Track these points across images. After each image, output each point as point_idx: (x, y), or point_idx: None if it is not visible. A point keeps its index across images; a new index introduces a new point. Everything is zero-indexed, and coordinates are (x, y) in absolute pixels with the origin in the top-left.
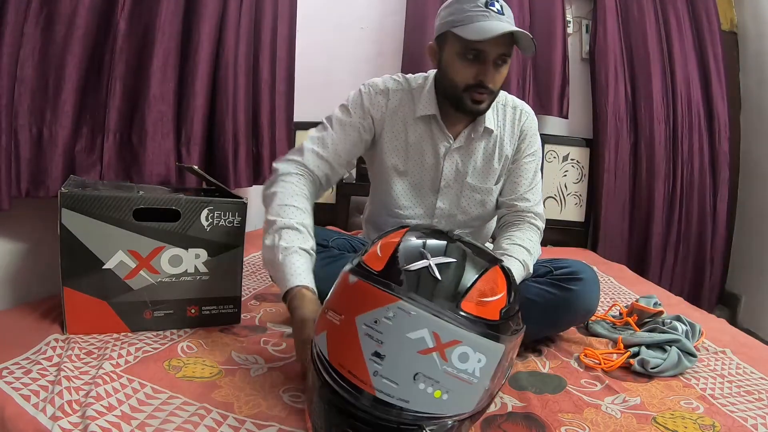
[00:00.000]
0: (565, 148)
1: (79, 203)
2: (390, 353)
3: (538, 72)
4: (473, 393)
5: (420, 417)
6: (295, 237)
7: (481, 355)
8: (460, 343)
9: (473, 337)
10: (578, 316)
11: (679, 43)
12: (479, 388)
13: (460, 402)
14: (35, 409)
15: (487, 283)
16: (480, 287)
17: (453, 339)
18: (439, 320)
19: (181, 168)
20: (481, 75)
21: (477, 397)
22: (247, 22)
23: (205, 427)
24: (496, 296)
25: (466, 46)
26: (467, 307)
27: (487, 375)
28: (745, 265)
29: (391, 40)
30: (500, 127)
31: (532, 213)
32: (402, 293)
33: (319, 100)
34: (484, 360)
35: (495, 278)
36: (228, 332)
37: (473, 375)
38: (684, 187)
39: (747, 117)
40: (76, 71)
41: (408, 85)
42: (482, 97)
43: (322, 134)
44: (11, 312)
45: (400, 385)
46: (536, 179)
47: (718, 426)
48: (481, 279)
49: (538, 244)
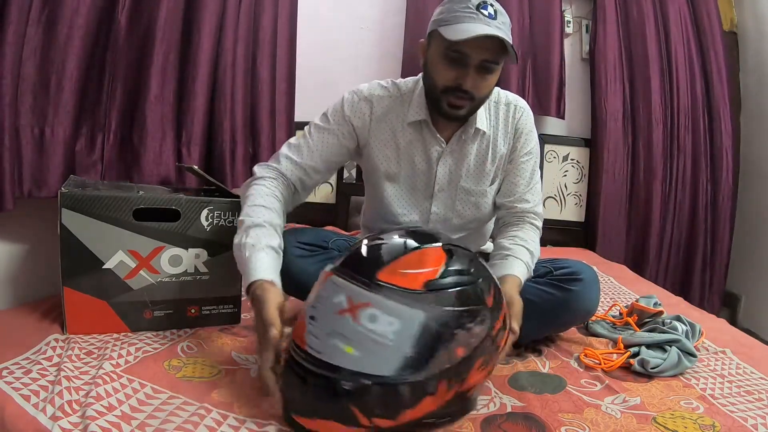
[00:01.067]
0: (565, 148)
1: (80, 203)
2: (318, 315)
3: (537, 72)
4: (389, 355)
5: (334, 368)
6: (261, 234)
7: (393, 318)
8: (370, 305)
9: (382, 301)
10: (578, 317)
11: (679, 44)
12: (396, 352)
13: (375, 362)
14: (35, 409)
15: (415, 257)
16: (405, 260)
17: (363, 302)
18: (353, 286)
19: (182, 168)
20: (460, 78)
21: (395, 360)
22: (246, 22)
23: (205, 426)
24: (421, 269)
25: (449, 46)
26: (383, 276)
27: (405, 340)
28: (745, 265)
29: (392, 40)
30: (493, 126)
31: (532, 213)
32: (335, 270)
33: (320, 100)
34: (398, 324)
35: (427, 254)
36: (228, 332)
37: (385, 337)
38: (683, 187)
39: (747, 117)
40: (77, 71)
41: (397, 90)
42: (461, 102)
43: (299, 141)
44: (11, 312)
45: (320, 339)
46: (534, 179)
47: (718, 426)
48: (409, 254)
49: (538, 245)
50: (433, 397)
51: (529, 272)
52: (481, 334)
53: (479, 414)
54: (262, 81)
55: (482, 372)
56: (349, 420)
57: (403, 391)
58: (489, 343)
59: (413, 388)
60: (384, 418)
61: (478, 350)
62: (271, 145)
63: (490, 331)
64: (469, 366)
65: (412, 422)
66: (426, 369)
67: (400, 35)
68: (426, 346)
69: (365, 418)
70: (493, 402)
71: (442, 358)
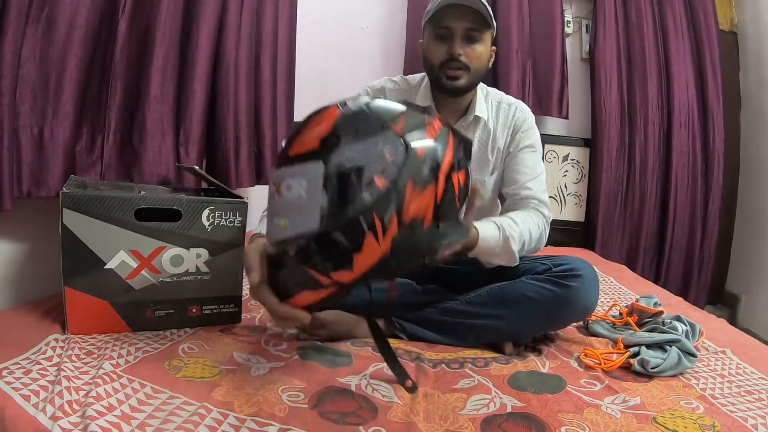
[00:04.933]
0: (565, 148)
1: (81, 203)
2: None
3: (537, 72)
4: (307, 211)
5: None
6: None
7: (299, 179)
8: (283, 179)
9: (290, 169)
10: (577, 314)
11: (675, 44)
12: (312, 206)
13: (301, 221)
14: (35, 409)
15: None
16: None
17: (281, 178)
18: (276, 171)
19: (182, 168)
20: (450, 49)
21: (315, 213)
22: (248, 22)
23: (206, 426)
24: (315, 129)
25: (436, 25)
26: (292, 152)
27: (315, 192)
28: (745, 265)
29: (393, 40)
30: (493, 121)
31: (536, 200)
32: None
33: (319, 100)
34: (305, 182)
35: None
36: (228, 332)
37: (300, 197)
38: (678, 188)
39: (747, 117)
40: (77, 71)
41: (406, 84)
42: (457, 72)
43: None
44: (11, 312)
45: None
46: (538, 170)
47: (718, 426)
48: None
49: (535, 224)
50: (373, 235)
51: (502, 233)
52: (398, 158)
53: (479, 414)
54: (264, 81)
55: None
56: (312, 284)
57: (338, 237)
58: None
59: (344, 231)
60: (339, 270)
61: (402, 175)
62: (275, 144)
63: (412, 154)
64: (399, 192)
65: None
66: (346, 210)
67: (402, 35)
68: (336, 191)
69: (323, 276)
70: (493, 402)
71: (359, 196)
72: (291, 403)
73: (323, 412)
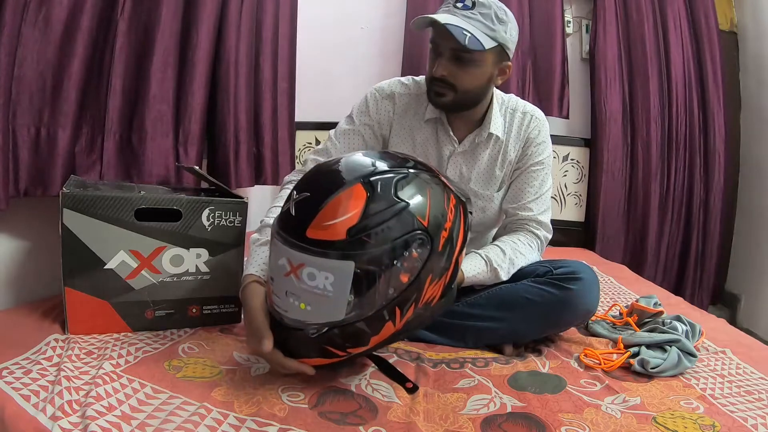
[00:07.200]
0: (565, 148)
1: (81, 203)
2: (274, 276)
3: (537, 72)
4: (334, 304)
5: (298, 322)
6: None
7: (327, 273)
8: (305, 265)
9: (314, 259)
10: (578, 316)
11: (675, 44)
12: (339, 301)
13: (326, 311)
14: (35, 409)
15: (333, 207)
16: (325, 212)
17: (300, 262)
18: (288, 249)
19: (182, 168)
20: (435, 67)
21: (341, 307)
22: (248, 21)
23: (206, 426)
24: (341, 217)
25: (431, 38)
26: (311, 233)
27: (343, 289)
28: (745, 265)
29: (392, 40)
30: (506, 132)
31: (534, 222)
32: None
33: (319, 100)
34: (332, 277)
35: (344, 199)
36: (228, 332)
37: (326, 290)
38: (680, 188)
39: (747, 117)
40: (76, 71)
41: (417, 87)
42: (441, 90)
43: (326, 144)
44: (11, 312)
45: (281, 299)
46: (543, 189)
47: (718, 426)
48: (327, 205)
49: (529, 250)
50: (392, 322)
51: (489, 266)
52: (423, 254)
53: (479, 414)
54: (264, 80)
55: (437, 284)
56: (328, 355)
57: (361, 326)
58: (436, 258)
59: (368, 322)
60: (356, 347)
61: (425, 270)
62: (275, 144)
63: (435, 247)
64: (420, 286)
65: (383, 341)
66: (372, 305)
67: (400, 36)
68: (364, 288)
69: (340, 351)
70: (493, 402)
71: (385, 291)
72: (291, 403)
73: (323, 412)
